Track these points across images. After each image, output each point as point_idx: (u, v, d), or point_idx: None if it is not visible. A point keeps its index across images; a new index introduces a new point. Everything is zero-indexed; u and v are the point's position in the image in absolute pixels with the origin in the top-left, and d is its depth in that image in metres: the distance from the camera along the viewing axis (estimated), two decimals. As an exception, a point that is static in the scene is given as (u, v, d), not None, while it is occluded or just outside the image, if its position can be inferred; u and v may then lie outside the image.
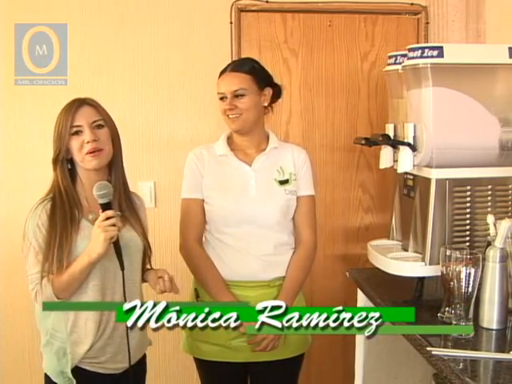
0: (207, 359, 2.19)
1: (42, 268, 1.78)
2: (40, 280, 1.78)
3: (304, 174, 2.22)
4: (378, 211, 3.14)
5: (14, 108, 2.84)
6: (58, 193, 1.84)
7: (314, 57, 3.05)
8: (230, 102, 2.11)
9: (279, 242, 2.17)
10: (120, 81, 2.94)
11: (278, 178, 2.18)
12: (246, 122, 2.14)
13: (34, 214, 1.82)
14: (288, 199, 2.17)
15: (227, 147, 2.20)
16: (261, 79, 2.17)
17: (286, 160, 2.21)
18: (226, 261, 2.15)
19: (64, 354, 1.85)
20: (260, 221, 2.13)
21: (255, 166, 2.17)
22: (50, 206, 1.82)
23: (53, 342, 1.87)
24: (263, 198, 2.14)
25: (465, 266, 1.65)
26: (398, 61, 2.07)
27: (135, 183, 2.98)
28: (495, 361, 1.54)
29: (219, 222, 2.16)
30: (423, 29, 3.03)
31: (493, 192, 1.93)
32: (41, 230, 1.80)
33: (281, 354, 2.16)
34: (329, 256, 3.15)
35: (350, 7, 3.02)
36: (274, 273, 2.16)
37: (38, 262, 1.79)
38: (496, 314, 1.70)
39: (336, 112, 3.10)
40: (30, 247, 1.80)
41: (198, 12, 2.95)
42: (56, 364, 1.86)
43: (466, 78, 1.90)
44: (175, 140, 2.98)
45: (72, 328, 1.85)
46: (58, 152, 1.85)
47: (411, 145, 1.94)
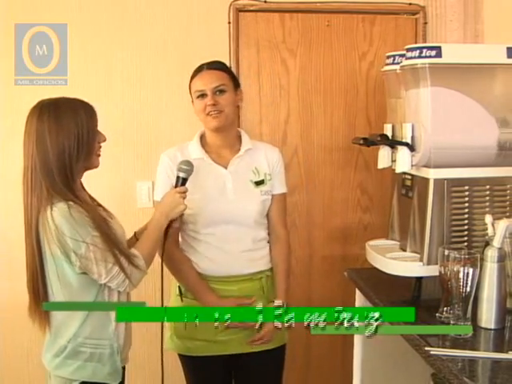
0: (193, 355, 2.23)
1: (116, 258, 1.77)
2: (122, 268, 1.78)
3: (278, 173, 2.30)
4: (377, 211, 3.14)
5: (13, 108, 2.83)
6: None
7: (312, 57, 3.06)
8: (212, 98, 2.13)
9: (257, 238, 2.25)
10: (119, 81, 2.95)
11: (253, 179, 2.23)
12: (227, 119, 2.17)
13: (76, 217, 1.74)
14: (264, 200, 2.23)
15: (202, 149, 2.22)
16: (235, 79, 2.25)
17: (260, 161, 2.27)
18: (208, 260, 2.19)
19: (111, 354, 1.86)
20: (238, 221, 2.18)
21: (231, 169, 2.21)
22: (79, 204, 1.77)
23: (81, 350, 1.84)
24: (241, 200, 2.19)
25: (463, 265, 1.65)
26: (397, 61, 2.07)
27: (133, 183, 3.00)
28: (493, 360, 1.54)
29: (197, 224, 2.19)
30: (421, 29, 3.04)
31: (491, 192, 1.93)
32: (92, 226, 1.75)
33: (262, 346, 2.21)
34: (327, 256, 3.16)
35: (348, 7, 3.02)
36: (255, 267, 2.23)
37: (110, 255, 1.76)
38: (494, 314, 1.70)
39: (334, 112, 3.10)
40: (89, 247, 1.74)
41: (196, 12, 2.95)
42: (100, 368, 1.85)
43: (464, 78, 1.90)
44: (174, 140, 2.97)
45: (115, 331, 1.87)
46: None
47: (409, 145, 1.94)
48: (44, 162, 1.75)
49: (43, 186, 1.76)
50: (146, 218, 2.09)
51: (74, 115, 1.78)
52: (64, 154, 1.76)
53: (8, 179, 2.79)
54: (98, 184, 2.04)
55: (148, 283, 2.28)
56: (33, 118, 1.79)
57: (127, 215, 2.07)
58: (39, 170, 1.76)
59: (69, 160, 1.77)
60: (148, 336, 2.84)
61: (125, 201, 2.92)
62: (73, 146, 1.77)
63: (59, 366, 1.85)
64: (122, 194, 2.89)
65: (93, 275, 1.77)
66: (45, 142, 1.75)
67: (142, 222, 2.09)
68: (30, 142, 1.78)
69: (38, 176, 1.76)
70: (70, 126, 1.77)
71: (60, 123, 1.76)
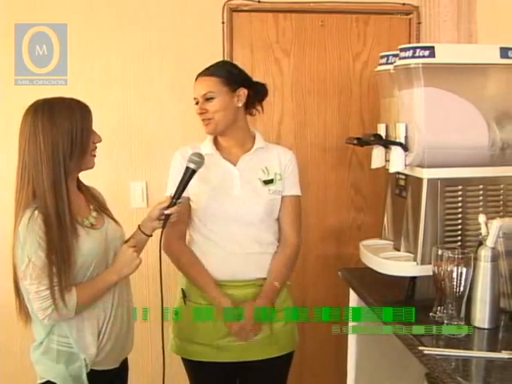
0: (194, 359, 2.21)
1: (50, 284, 1.72)
2: (53, 296, 1.73)
3: (290, 173, 2.25)
4: (370, 211, 3.14)
5: (13, 108, 2.82)
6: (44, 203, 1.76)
7: (306, 57, 3.06)
8: (200, 106, 2.15)
9: (264, 241, 2.20)
10: (114, 81, 2.95)
11: (262, 177, 2.20)
12: (217, 125, 2.15)
13: (31, 229, 1.73)
14: (272, 199, 2.19)
15: (213, 146, 2.22)
16: (233, 80, 2.17)
17: (271, 160, 2.23)
18: (211, 259, 2.17)
19: (77, 358, 1.84)
20: (244, 219, 2.15)
21: (240, 166, 2.19)
22: (42, 218, 1.74)
23: (52, 347, 1.84)
24: (247, 197, 2.16)
25: (456, 265, 1.66)
26: (390, 61, 2.07)
27: (127, 183, 3.00)
28: (487, 360, 1.54)
29: (204, 220, 2.18)
30: (415, 29, 3.04)
31: (484, 192, 1.94)
32: (41, 245, 1.72)
33: (269, 353, 2.19)
34: (321, 256, 3.16)
35: (341, 7, 3.02)
36: (259, 272, 2.19)
37: (45, 278, 1.72)
38: (488, 314, 1.70)
39: (328, 112, 3.10)
40: (30, 264, 1.72)
41: (189, 12, 2.95)
42: (64, 369, 1.83)
43: (457, 78, 1.90)
44: (167, 140, 2.99)
45: (77, 333, 1.84)
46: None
47: (403, 145, 1.94)
48: (35, 159, 1.75)
49: (30, 185, 1.75)
50: (140, 218, 2.09)
51: (69, 114, 1.78)
52: (57, 153, 1.75)
53: (8, 179, 2.77)
54: (91, 184, 2.03)
55: (151, 284, 2.27)
56: (27, 116, 1.79)
57: (121, 215, 2.06)
58: (30, 168, 1.76)
59: (62, 158, 1.76)
60: (151, 338, 2.83)
61: (119, 201, 2.91)
62: (66, 144, 1.76)
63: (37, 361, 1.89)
64: (115, 194, 2.88)
65: (24, 290, 1.77)
66: (37, 139, 1.75)
67: (136, 222, 2.09)
68: (23, 140, 1.78)
69: (28, 174, 1.76)
70: (64, 125, 1.76)
71: (54, 121, 1.75)
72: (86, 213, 1.90)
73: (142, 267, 1.95)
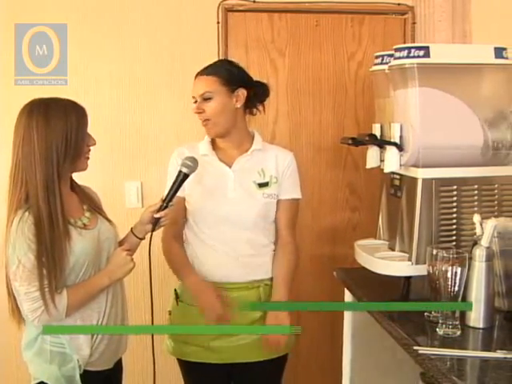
0: (189, 360, 2.20)
1: (40, 285, 1.71)
2: (43, 297, 1.71)
3: (288, 177, 2.22)
4: (365, 211, 3.15)
5: (13, 108, 2.81)
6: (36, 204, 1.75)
7: (301, 57, 3.06)
8: (197, 106, 2.13)
9: (258, 243, 2.18)
10: (114, 81, 2.95)
11: (257, 180, 2.17)
12: (217, 127, 2.14)
13: (20, 231, 1.72)
14: (266, 202, 2.17)
15: (210, 147, 2.21)
16: (232, 81, 2.13)
17: (268, 162, 2.21)
18: (204, 261, 2.16)
19: (70, 359, 1.83)
20: (236, 222, 2.14)
21: (235, 167, 2.17)
22: (33, 220, 1.72)
23: (45, 348, 1.83)
24: (240, 199, 2.15)
25: (451, 265, 1.66)
26: (385, 61, 2.07)
27: (122, 183, 3.00)
28: (482, 359, 1.54)
29: (197, 221, 2.17)
30: (410, 29, 3.05)
31: (479, 191, 1.94)
32: (31, 247, 1.71)
33: (264, 355, 2.17)
34: (316, 256, 3.16)
35: (336, 7, 3.02)
36: (253, 275, 2.17)
37: (35, 279, 1.71)
38: (482, 313, 1.71)
39: (323, 112, 3.10)
40: (20, 265, 1.71)
41: (184, 12, 2.95)
42: (57, 370, 1.82)
43: (452, 78, 1.91)
44: (162, 140, 2.98)
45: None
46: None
47: (398, 144, 1.95)
48: (29, 159, 1.73)
49: (24, 186, 1.74)
50: (135, 218, 2.07)
51: (64, 115, 1.77)
52: (50, 153, 1.74)
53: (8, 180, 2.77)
54: (86, 184, 2.03)
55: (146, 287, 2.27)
56: (22, 116, 1.78)
57: (115, 215, 2.06)
58: (23, 168, 1.75)
59: (56, 159, 1.75)
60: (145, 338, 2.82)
61: (113, 201, 2.91)
62: (60, 145, 1.75)
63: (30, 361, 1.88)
64: (110, 194, 2.87)
65: (15, 291, 1.76)
66: (32, 139, 1.74)
67: (131, 222, 2.07)
68: (17, 139, 1.77)
69: (21, 174, 1.75)
70: (59, 126, 1.75)
71: (48, 122, 1.74)
72: (78, 213, 1.89)
73: (136, 269, 1.94)
